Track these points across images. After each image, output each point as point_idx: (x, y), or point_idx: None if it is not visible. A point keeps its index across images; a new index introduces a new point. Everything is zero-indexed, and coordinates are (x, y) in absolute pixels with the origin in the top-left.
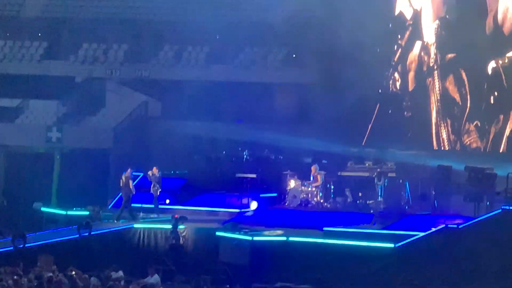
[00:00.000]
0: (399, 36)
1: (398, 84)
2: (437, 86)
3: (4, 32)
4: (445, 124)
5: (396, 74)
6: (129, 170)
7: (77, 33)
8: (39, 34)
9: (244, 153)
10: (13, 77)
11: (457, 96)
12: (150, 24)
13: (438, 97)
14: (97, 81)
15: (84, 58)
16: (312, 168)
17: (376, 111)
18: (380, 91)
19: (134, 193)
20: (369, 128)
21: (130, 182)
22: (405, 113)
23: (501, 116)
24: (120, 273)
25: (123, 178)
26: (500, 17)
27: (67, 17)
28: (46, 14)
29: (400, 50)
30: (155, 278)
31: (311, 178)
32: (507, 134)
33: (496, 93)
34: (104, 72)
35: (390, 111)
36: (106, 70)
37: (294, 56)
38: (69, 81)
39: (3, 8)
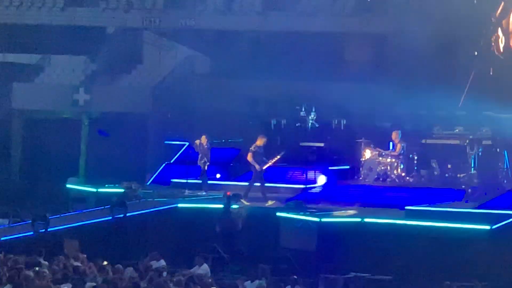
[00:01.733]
0: None
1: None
2: None
3: None
4: None
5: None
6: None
7: None
8: None
9: (310, 117)
10: (32, 28)
11: None
12: None
13: None
14: (132, 32)
15: (116, 4)
16: (393, 134)
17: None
18: (476, 53)
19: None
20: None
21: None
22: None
23: None
24: (162, 262)
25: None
26: None
27: None
28: None
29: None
30: (203, 268)
31: (391, 147)
32: None
33: None
34: (140, 21)
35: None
36: (143, 18)
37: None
38: (99, 32)
39: None
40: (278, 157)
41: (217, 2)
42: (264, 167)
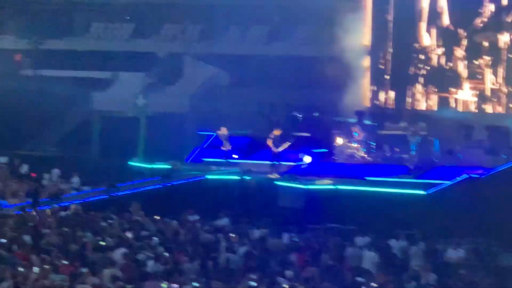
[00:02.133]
0: None
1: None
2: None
3: (99, 16)
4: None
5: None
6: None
7: (159, 15)
8: (128, 17)
9: (299, 116)
10: (106, 53)
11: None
12: (220, 7)
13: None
14: (176, 56)
15: (165, 37)
16: (356, 127)
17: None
18: None
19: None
20: None
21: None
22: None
23: None
24: (196, 216)
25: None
26: None
27: (151, 2)
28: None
29: None
30: (225, 221)
31: (353, 135)
32: None
33: None
34: (182, 48)
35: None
36: (184, 46)
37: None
38: (152, 56)
39: None
40: (289, 143)
41: (235, 34)
42: (280, 149)
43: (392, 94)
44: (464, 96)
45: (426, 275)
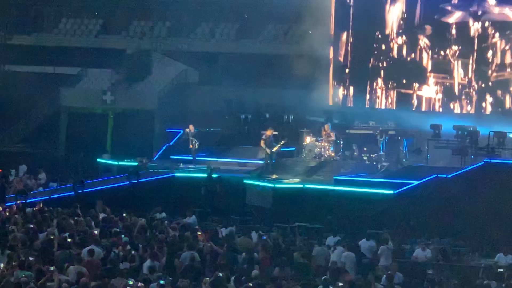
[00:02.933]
0: None
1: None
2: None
3: (67, 11)
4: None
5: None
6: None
7: (128, 11)
8: (96, 13)
9: (267, 115)
10: (75, 49)
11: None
12: (189, 4)
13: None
14: (145, 52)
15: (133, 33)
16: (325, 126)
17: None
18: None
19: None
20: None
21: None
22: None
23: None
24: (163, 214)
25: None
26: None
27: None
28: None
29: None
30: (192, 219)
31: (323, 135)
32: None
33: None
34: (150, 45)
35: None
36: (152, 43)
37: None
38: (120, 53)
39: None
40: (282, 142)
41: (204, 31)
42: (274, 150)
43: (351, 90)
44: (429, 93)
45: (394, 275)
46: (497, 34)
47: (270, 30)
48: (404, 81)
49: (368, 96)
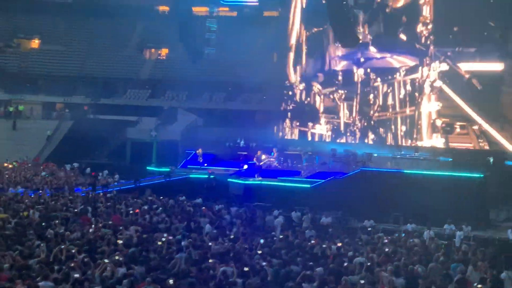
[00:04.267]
0: None
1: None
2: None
3: (130, 85)
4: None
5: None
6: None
7: (163, 86)
8: (146, 86)
9: (242, 142)
10: (135, 106)
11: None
12: (197, 82)
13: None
14: (173, 109)
15: (167, 97)
16: (273, 149)
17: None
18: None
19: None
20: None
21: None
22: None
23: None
24: (183, 197)
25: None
26: None
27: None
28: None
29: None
30: (199, 200)
31: (272, 154)
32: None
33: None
34: (176, 104)
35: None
36: (178, 103)
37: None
38: (160, 108)
39: None
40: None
41: (206, 97)
42: (261, 163)
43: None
44: (321, 131)
45: (310, 232)
46: (379, 79)
47: (244, 97)
48: (301, 121)
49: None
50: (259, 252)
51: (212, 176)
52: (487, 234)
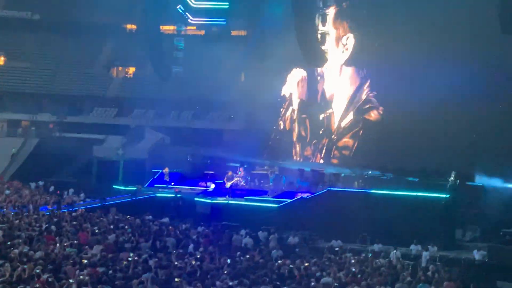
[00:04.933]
0: None
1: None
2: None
3: (96, 103)
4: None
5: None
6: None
7: (131, 104)
8: (114, 104)
9: (208, 161)
10: (102, 125)
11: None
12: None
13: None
14: (140, 127)
15: (134, 116)
16: (240, 168)
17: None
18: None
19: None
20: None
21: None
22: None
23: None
24: (150, 217)
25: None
26: None
27: (125, 95)
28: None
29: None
30: (166, 219)
31: (238, 173)
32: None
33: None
34: (144, 122)
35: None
36: (145, 122)
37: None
38: (127, 127)
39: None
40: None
41: (174, 116)
42: (229, 184)
43: None
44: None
45: (277, 251)
46: None
47: (210, 115)
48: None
49: None
50: (226, 272)
51: (179, 195)
52: (453, 254)
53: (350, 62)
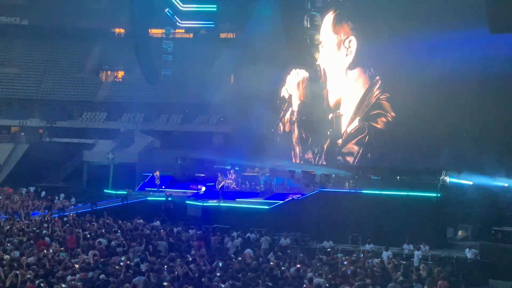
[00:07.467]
0: None
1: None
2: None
3: (85, 108)
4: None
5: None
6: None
7: (121, 108)
8: (103, 109)
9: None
10: (92, 129)
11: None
12: (154, 104)
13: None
14: (130, 131)
15: (124, 120)
16: (231, 171)
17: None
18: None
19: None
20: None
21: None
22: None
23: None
24: (141, 220)
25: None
26: None
27: (117, 100)
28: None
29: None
30: (157, 223)
31: (229, 176)
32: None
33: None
34: (134, 126)
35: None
36: (135, 125)
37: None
38: (117, 131)
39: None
40: (223, 182)
41: (163, 119)
42: (219, 186)
43: None
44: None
45: (269, 253)
46: None
47: (200, 118)
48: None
49: None
50: (218, 274)
51: (169, 199)
52: (445, 253)
53: (355, 64)
